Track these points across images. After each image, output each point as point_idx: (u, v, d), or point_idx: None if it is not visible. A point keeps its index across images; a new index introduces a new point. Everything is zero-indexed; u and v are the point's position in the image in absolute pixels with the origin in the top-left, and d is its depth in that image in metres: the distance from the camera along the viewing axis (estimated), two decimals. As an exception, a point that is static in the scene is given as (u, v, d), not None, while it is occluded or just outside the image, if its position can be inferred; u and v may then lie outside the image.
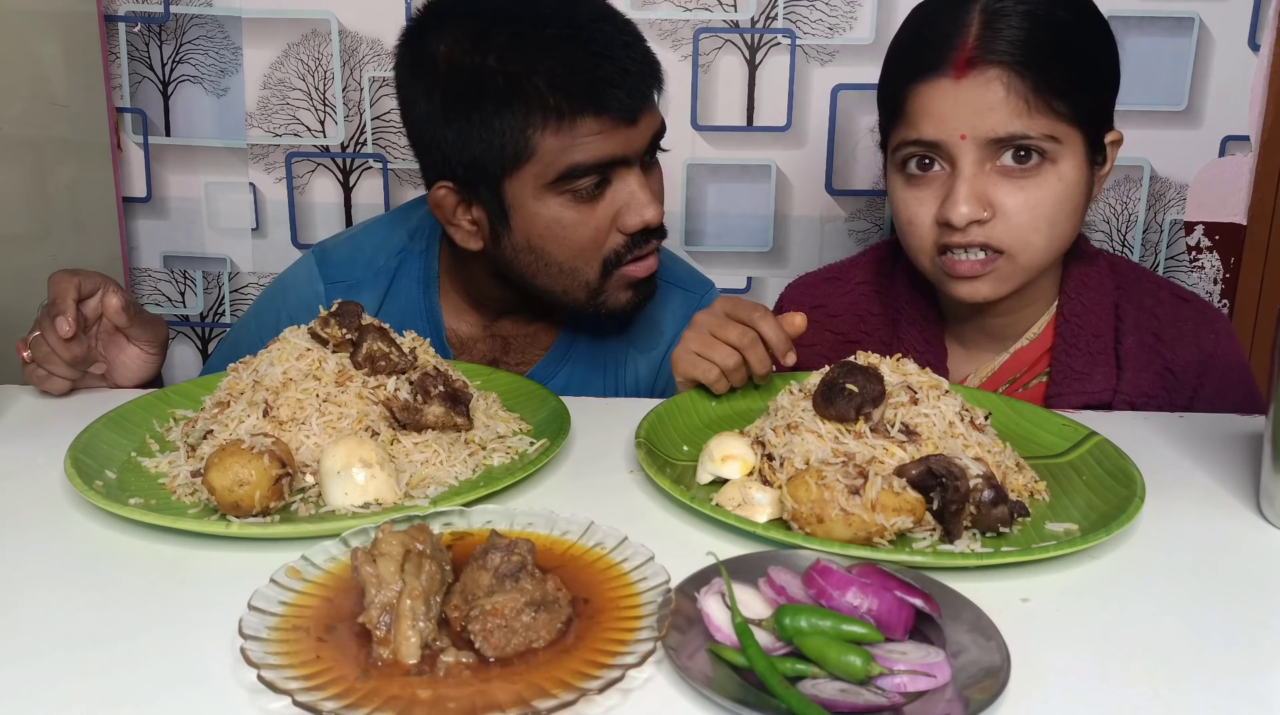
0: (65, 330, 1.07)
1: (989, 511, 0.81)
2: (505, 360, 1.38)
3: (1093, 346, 1.18)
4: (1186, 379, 1.18)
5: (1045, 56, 1.06)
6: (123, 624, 0.71)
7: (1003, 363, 1.22)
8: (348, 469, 0.85)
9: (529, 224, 1.21)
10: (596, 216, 1.20)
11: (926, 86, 1.09)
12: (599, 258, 1.22)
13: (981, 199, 1.08)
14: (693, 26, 1.75)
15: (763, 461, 0.90)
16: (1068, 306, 1.20)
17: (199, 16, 1.77)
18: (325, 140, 1.82)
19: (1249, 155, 1.78)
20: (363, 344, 0.97)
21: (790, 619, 0.65)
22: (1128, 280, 1.22)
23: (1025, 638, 0.68)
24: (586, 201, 1.19)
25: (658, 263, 1.26)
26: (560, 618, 0.66)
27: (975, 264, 1.10)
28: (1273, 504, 0.87)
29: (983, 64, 1.06)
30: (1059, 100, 1.06)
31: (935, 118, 1.08)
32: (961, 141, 1.07)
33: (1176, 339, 1.19)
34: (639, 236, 1.21)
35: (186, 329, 1.93)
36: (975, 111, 1.06)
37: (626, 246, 1.21)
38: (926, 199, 1.11)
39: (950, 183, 1.09)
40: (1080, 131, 1.09)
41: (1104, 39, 1.12)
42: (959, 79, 1.06)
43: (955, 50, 1.07)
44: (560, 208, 1.19)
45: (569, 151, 1.16)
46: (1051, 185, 1.08)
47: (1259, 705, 0.64)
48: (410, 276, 1.37)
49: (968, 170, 1.08)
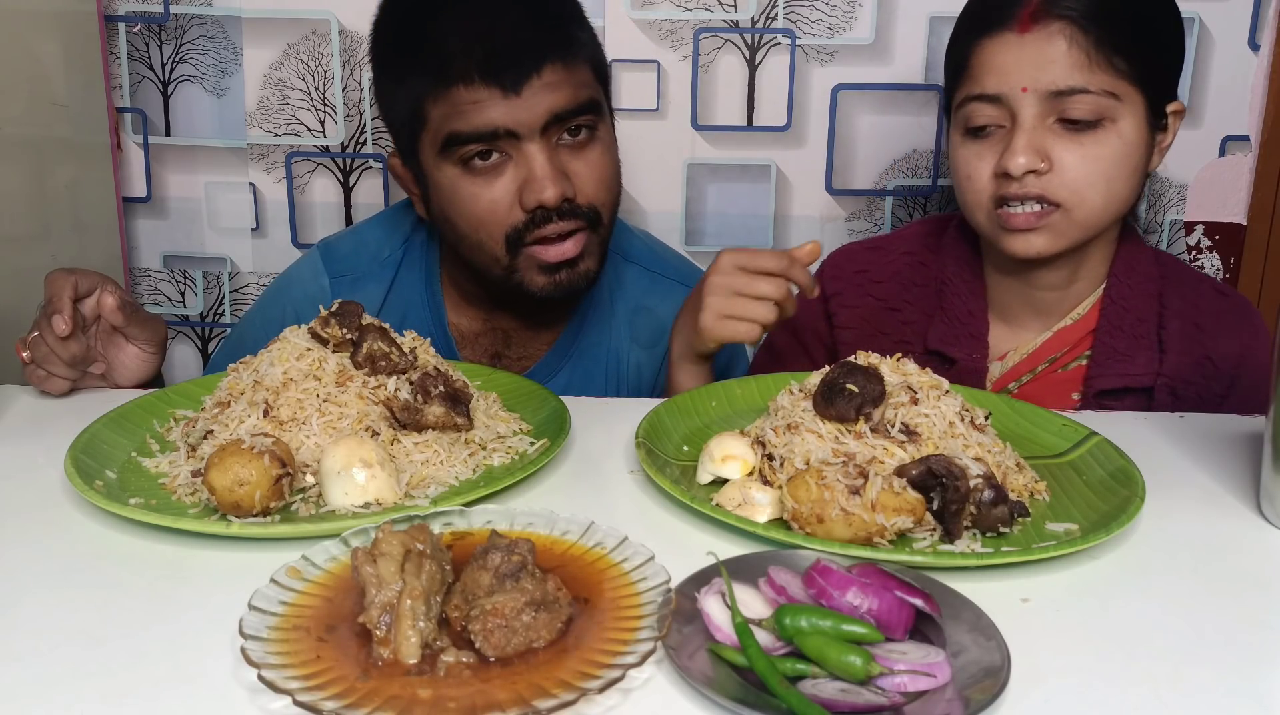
0: (61, 328, 1.07)
1: (989, 511, 0.81)
2: (507, 354, 1.38)
3: (1137, 329, 1.20)
4: (1225, 369, 1.19)
5: (1109, 13, 1.09)
6: (123, 624, 0.71)
7: (1045, 341, 1.23)
8: (348, 469, 0.85)
9: (436, 193, 1.24)
10: (494, 189, 1.20)
11: (991, 41, 1.12)
12: (501, 232, 1.21)
13: (1040, 151, 1.10)
14: (693, 26, 1.75)
15: (763, 461, 0.90)
16: (1115, 288, 1.21)
17: (199, 16, 1.77)
18: (325, 140, 1.82)
19: (1249, 155, 1.78)
20: (363, 344, 0.97)
21: (790, 619, 0.65)
22: (1171, 270, 1.24)
23: (1025, 638, 0.68)
24: (483, 173, 1.20)
25: (580, 251, 1.24)
26: (560, 618, 0.66)
27: (1030, 217, 1.12)
28: (1273, 504, 0.87)
29: (1046, 18, 1.09)
30: (1120, 58, 1.09)
31: (998, 71, 1.11)
32: (1023, 94, 1.10)
33: (1218, 330, 1.20)
34: (540, 215, 1.20)
35: (186, 329, 1.93)
36: (1037, 64, 1.09)
37: (528, 224, 1.21)
38: (986, 154, 1.14)
39: (1009, 137, 1.11)
40: (1141, 93, 1.11)
41: (1169, 6, 1.14)
42: (1023, 33, 1.10)
43: (1021, 5, 1.10)
44: (455, 177, 1.21)
45: (449, 119, 1.18)
46: (1111, 143, 1.11)
47: (1259, 705, 0.64)
48: (414, 267, 1.38)
49: (1028, 123, 1.10)
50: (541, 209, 1.20)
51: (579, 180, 1.22)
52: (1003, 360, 1.23)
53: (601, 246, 1.28)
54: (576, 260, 1.24)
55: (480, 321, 1.38)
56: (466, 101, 1.17)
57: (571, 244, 1.23)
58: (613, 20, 1.74)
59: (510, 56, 1.16)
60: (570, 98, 1.20)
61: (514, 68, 1.16)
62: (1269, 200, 1.80)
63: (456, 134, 1.18)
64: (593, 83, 1.25)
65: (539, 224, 1.21)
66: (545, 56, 1.18)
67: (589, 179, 1.23)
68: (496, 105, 1.17)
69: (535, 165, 1.19)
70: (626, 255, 1.42)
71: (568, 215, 1.21)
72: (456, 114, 1.17)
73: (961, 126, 1.16)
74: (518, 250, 1.22)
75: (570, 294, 1.27)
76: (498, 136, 1.18)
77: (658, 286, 1.40)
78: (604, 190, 1.25)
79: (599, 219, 1.25)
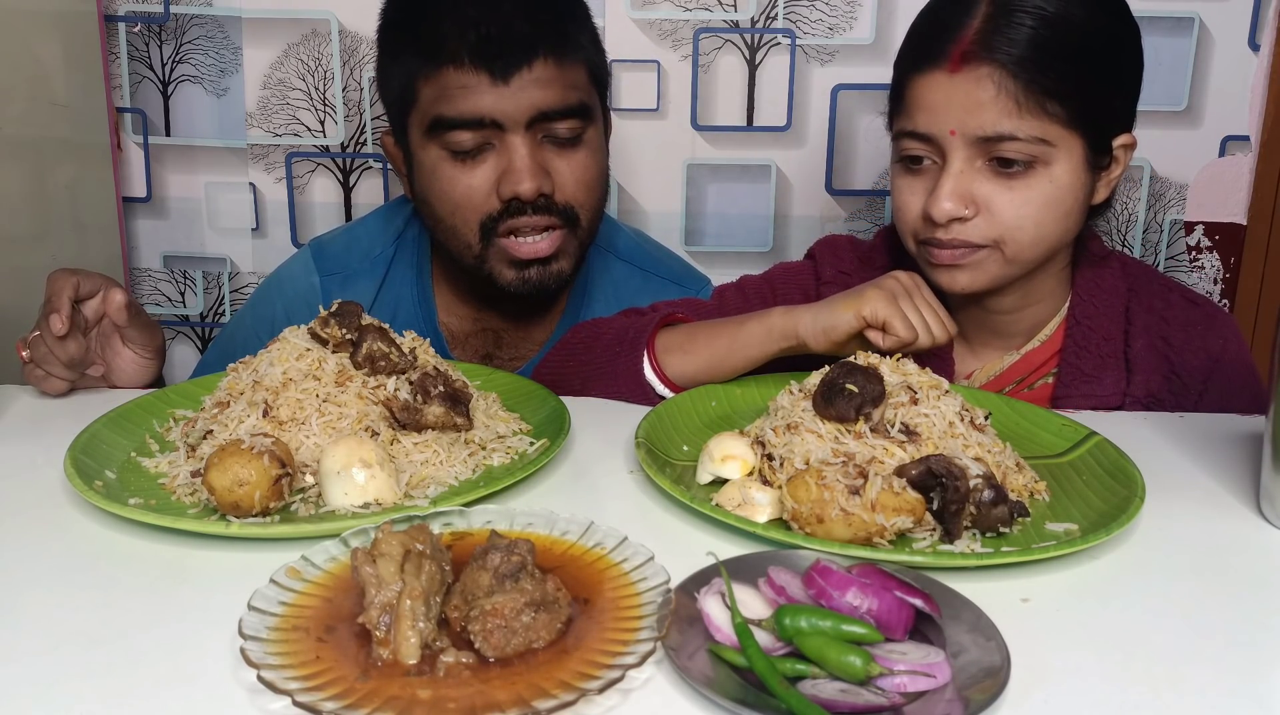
0: (57, 328, 1.07)
1: (989, 511, 0.81)
2: (499, 355, 1.38)
3: (1103, 349, 1.18)
4: (1192, 383, 1.17)
5: (1045, 56, 1.04)
6: (123, 624, 0.71)
7: (1013, 363, 1.22)
8: (348, 469, 0.85)
9: (419, 173, 1.26)
10: (473, 176, 1.22)
11: (923, 78, 1.09)
12: (476, 219, 1.23)
13: (965, 196, 1.08)
14: (693, 26, 1.75)
15: (763, 461, 0.90)
16: (1079, 308, 1.19)
17: (199, 16, 1.77)
18: (325, 140, 1.82)
19: (1249, 155, 1.78)
20: (363, 344, 0.97)
21: (790, 619, 0.65)
22: (1139, 282, 1.22)
23: (1025, 638, 0.68)
24: (464, 160, 1.22)
25: (555, 250, 1.25)
26: (560, 618, 0.66)
27: (954, 254, 1.10)
28: (1273, 504, 0.87)
29: (976, 61, 1.05)
30: (1053, 102, 1.05)
31: (928, 110, 1.08)
32: (951, 137, 1.07)
33: (1184, 343, 1.18)
34: (515, 206, 1.22)
35: (186, 329, 1.93)
36: (965, 108, 1.06)
37: (501, 213, 1.22)
38: (918, 188, 1.12)
39: (939, 176, 1.09)
40: (1079, 134, 1.07)
41: (1122, 41, 1.10)
42: (953, 73, 1.06)
43: (953, 44, 1.06)
44: (438, 159, 1.23)
45: (437, 102, 1.20)
46: (1042, 186, 1.07)
47: (1259, 705, 0.64)
48: (406, 265, 1.38)
49: (955, 166, 1.08)
50: (517, 200, 1.21)
51: (559, 178, 1.23)
52: (969, 379, 1.23)
53: (579, 249, 1.28)
54: (550, 259, 1.25)
55: (470, 321, 1.38)
56: (455, 85, 1.18)
57: (546, 242, 1.24)
58: (613, 20, 1.74)
59: (502, 44, 1.18)
60: (559, 98, 1.21)
61: (505, 56, 1.17)
62: (1269, 200, 1.81)
63: (442, 118, 1.20)
64: (586, 86, 1.25)
65: (513, 214, 1.22)
66: (537, 50, 1.19)
67: (570, 179, 1.24)
68: (484, 93, 1.18)
69: (516, 157, 1.20)
70: (619, 253, 1.42)
71: (543, 211, 1.23)
72: (444, 97, 1.19)
73: (898, 154, 1.14)
74: (490, 239, 1.24)
75: (540, 292, 1.28)
76: (483, 125, 1.19)
77: (650, 285, 1.40)
78: (584, 192, 1.25)
79: (577, 220, 1.25)
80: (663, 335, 1.14)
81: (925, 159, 1.11)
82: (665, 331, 1.14)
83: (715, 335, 1.11)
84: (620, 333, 1.15)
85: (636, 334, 1.13)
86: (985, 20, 1.06)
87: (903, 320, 1.05)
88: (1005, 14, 1.05)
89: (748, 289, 1.30)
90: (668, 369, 1.11)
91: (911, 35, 1.14)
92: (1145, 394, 1.17)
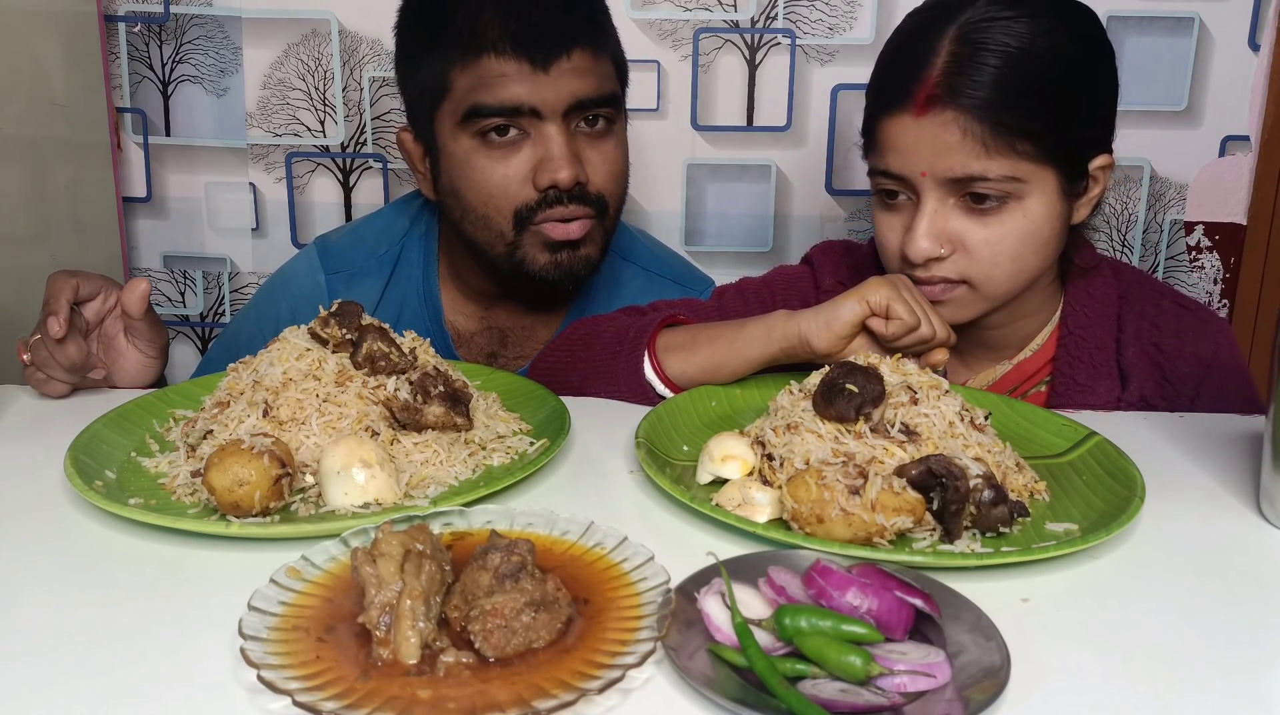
0: (55, 331, 1.07)
1: (989, 511, 0.81)
2: (504, 354, 1.38)
3: (1096, 358, 1.18)
4: (1184, 390, 1.17)
5: (1011, 96, 1.03)
6: (123, 624, 0.71)
7: (1005, 373, 1.22)
8: (348, 469, 0.85)
9: (449, 164, 1.25)
10: (509, 165, 1.22)
11: (892, 120, 1.08)
12: (510, 208, 1.23)
13: (941, 235, 1.08)
14: (693, 26, 1.75)
15: (763, 461, 0.90)
16: (1071, 318, 1.19)
17: (199, 16, 1.77)
18: (325, 140, 1.82)
19: (1249, 155, 1.78)
20: (363, 344, 0.97)
21: (790, 619, 0.65)
22: (1131, 288, 1.21)
23: (1025, 638, 0.68)
24: (499, 148, 1.22)
25: (584, 235, 1.25)
26: (560, 618, 0.66)
27: (934, 290, 1.11)
28: (1273, 504, 0.87)
29: (940, 105, 1.04)
30: (1023, 141, 1.04)
31: (899, 152, 1.08)
32: (923, 178, 1.07)
33: (1176, 350, 1.18)
34: (551, 194, 1.22)
35: (186, 329, 1.93)
36: (934, 150, 1.05)
37: (539, 203, 1.23)
38: (896, 225, 1.12)
39: (914, 214, 1.09)
40: (1052, 166, 1.06)
41: (1093, 68, 1.09)
42: (919, 117, 1.05)
43: (917, 86, 1.05)
44: (472, 149, 1.22)
45: (474, 90, 1.20)
46: (1016, 222, 1.07)
47: (1259, 705, 0.64)
48: (411, 262, 1.38)
49: (929, 206, 1.08)
50: (554, 189, 1.21)
51: (592, 168, 1.24)
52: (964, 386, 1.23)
53: (605, 237, 1.29)
54: (579, 243, 1.26)
55: (477, 319, 1.38)
56: (494, 73, 1.19)
57: (577, 227, 1.25)
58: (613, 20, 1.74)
59: (543, 32, 1.18)
60: (595, 86, 1.22)
61: (546, 43, 1.18)
62: (1269, 200, 1.81)
63: (480, 106, 1.20)
64: (614, 78, 1.27)
65: (549, 204, 1.23)
66: (576, 39, 1.20)
67: (601, 168, 1.25)
68: (524, 80, 1.19)
69: (553, 145, 1.21)
70: (624, 255, 1.42)
71: (578, 199, 1.23)
72: (482, 86, 1.19)
73: (875, 188, 1.14)
74: (525, 227, 1.24)
75: (569, 277, 1.28)
76: (520, 113, 1.20)
77: (654, 286, 1.40)
78: (614, 182, 1.27)
79: (606, 209, 1.26)
80: (664, 335, 1.14)
81: (901, 194, 1.11)
82: (666, 332, 1.14)
83: (717, 337, 1.12)
84: (621, 332, 1.15)
85: (637, 333, 1.13)
86: (949, 60, 1.04)
87: (905, 305, 1.05)
88: (969, 53, 1.04)
89: (747, 291, 1.30)
90: (668, 369, 1.11)
91: (879, 71, 1.14)
92: (1139, 400, 1.17)
